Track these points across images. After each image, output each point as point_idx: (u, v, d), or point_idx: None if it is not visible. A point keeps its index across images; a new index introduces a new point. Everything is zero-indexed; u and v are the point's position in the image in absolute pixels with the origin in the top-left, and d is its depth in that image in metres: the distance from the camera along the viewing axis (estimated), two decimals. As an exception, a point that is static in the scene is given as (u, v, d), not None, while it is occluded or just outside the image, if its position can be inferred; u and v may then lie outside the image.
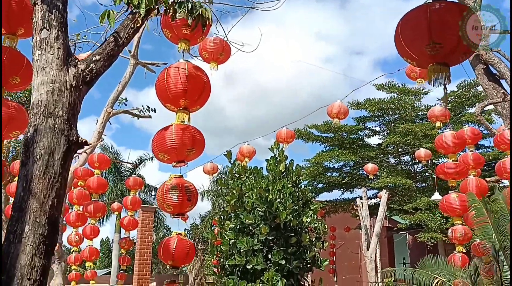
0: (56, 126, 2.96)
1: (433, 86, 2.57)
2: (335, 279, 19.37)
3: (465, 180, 7.24)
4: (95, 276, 10.22)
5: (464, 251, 6.12)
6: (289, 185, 6.87)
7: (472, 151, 7.62)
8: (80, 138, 3.09)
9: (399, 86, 15.79)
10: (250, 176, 7.60)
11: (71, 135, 3.02)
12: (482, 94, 14.20)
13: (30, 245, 2.69)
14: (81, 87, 3.19)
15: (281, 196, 6.60)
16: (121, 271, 12.95)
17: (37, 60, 3.11)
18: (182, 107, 3.87)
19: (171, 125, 3.83)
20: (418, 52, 2.64)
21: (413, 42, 2.64)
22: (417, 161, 16.90)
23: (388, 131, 16.77)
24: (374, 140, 17.75)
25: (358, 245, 22.36)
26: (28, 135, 2.94)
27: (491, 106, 8.24)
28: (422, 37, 2.58)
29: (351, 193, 18.21)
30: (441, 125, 7.83)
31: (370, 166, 12.68)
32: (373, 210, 14.15)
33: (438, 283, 5.06)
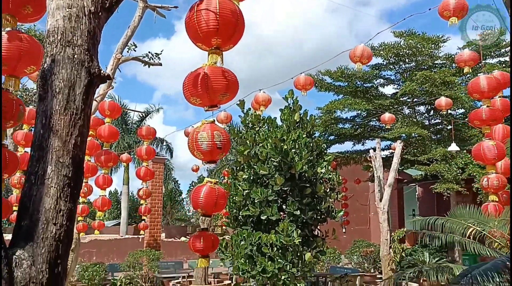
0: (75, 56, 2.62)
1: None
2: (343, 230, 19.60)
3: (490, 127, 6.91)
4: (102, 227, 10.09)
5: (497, 200, 5.89)
6: (303, 135, 6.61)
7: (501, 97, 7.25)
8: (102, 71, 2.76)
9: (418, 34, 15.08)
10: (263, 126, 7.33)
11: (92, 67, 2.68)
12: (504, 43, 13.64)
13: (54, 187, 2.41)
14: (100, 13, 2.82)
15: (296, 146, 6.36)
16: (143, 221, 13.02)
17: (50, -18, 2.74)
18: (214, 46, 3.47)
19: (203, 67, 3.45)
20: None
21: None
22: (432, 112, 16.53)
23: (403, 81, 16.25)
24: (389, 90, 17.32)
25: (367, 197, 22.49)
26: (45, 67, 2.61)
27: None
28: None
29: (363, 145, 18.00)
30: (470, 71, 7.41)
31: (387, 115, 12.27)
32: (385, 162, 13.92)
33: (472, 232, 4.85)
